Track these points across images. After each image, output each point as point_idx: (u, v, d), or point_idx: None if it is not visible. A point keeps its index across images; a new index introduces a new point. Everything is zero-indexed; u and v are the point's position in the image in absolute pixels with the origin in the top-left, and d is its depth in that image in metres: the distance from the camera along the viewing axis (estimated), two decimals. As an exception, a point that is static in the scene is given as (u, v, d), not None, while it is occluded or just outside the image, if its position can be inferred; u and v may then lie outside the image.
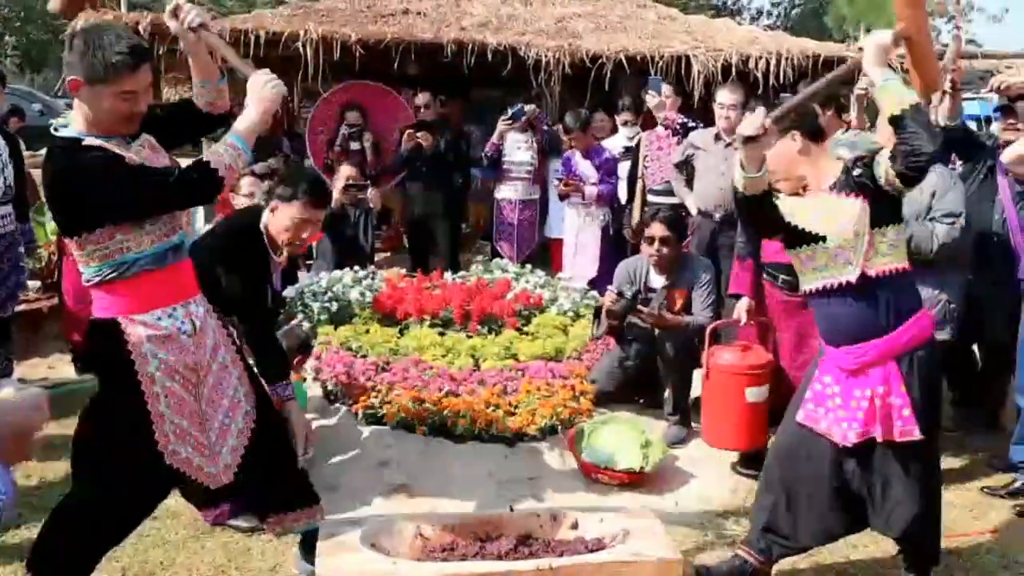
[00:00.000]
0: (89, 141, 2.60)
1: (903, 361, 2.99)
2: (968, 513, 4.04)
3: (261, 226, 3.73)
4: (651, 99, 6.58)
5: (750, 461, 4.28)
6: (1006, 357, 4.48)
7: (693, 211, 6.02)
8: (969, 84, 5.29)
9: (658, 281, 4.93)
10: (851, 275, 2.98)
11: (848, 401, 3.02)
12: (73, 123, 2.64)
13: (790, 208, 3.10)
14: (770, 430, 4.05)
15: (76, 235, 2.63)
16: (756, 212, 3.15)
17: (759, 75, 7.86)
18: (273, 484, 3.07)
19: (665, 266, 4.87)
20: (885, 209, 2.97)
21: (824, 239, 3.01)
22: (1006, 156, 4.25)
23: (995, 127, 4.96)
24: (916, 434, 2.94)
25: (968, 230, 4.33)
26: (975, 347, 4.99)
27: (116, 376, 2.74)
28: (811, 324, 3.54)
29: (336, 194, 6.71)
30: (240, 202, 5.55)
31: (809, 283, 3.12)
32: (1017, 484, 4.21)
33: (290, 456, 3.21)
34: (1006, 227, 4.53)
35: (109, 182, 2.55)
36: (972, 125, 4.99)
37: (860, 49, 3.61)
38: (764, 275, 4.47)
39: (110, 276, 2.67)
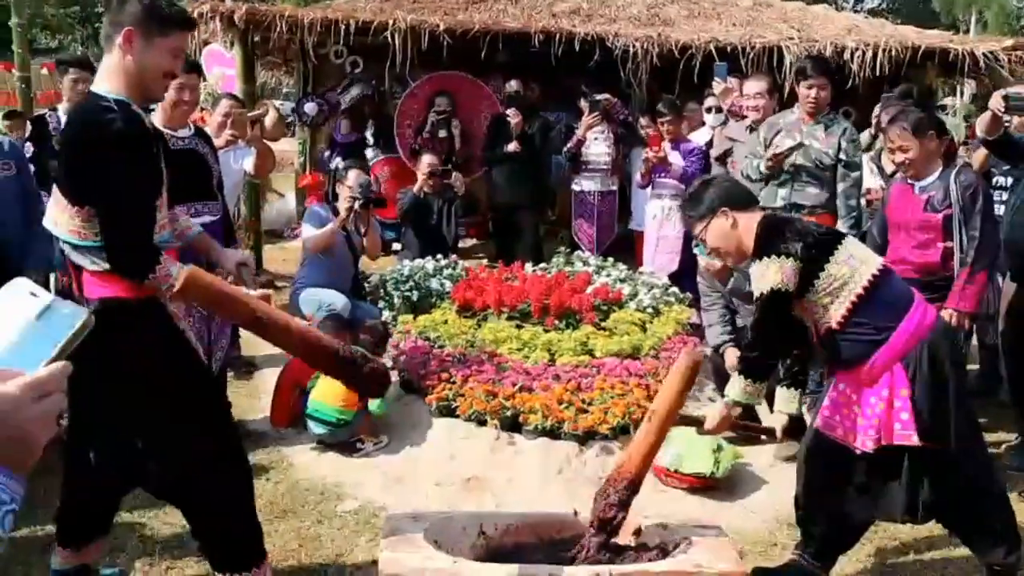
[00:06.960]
0: None
1: (909, 363, 2.94)
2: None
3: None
4: (716, 86, 6.47)
5: None
6: None
7: None
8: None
9: None
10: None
11: (864, 408, 3.01)
12: None
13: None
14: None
15: None
16: None
17: (855, 67, 7.62)
18: None
19: None
20: None
21: None
22: None
23: None
24: (913, 440, 2.89)
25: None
26: None
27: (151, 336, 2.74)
28: None
29: (419, 181, 6.82)
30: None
31: None
32: None
33: None
34: None
35: None
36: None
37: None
38: None
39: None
